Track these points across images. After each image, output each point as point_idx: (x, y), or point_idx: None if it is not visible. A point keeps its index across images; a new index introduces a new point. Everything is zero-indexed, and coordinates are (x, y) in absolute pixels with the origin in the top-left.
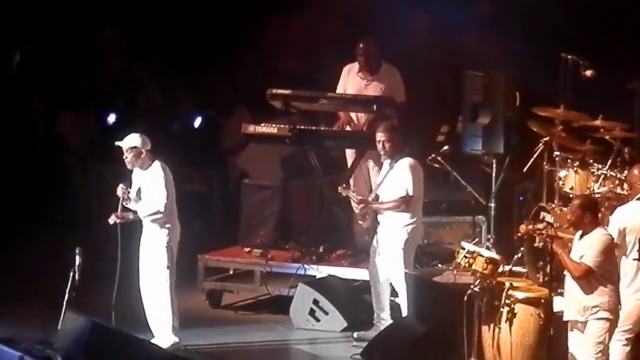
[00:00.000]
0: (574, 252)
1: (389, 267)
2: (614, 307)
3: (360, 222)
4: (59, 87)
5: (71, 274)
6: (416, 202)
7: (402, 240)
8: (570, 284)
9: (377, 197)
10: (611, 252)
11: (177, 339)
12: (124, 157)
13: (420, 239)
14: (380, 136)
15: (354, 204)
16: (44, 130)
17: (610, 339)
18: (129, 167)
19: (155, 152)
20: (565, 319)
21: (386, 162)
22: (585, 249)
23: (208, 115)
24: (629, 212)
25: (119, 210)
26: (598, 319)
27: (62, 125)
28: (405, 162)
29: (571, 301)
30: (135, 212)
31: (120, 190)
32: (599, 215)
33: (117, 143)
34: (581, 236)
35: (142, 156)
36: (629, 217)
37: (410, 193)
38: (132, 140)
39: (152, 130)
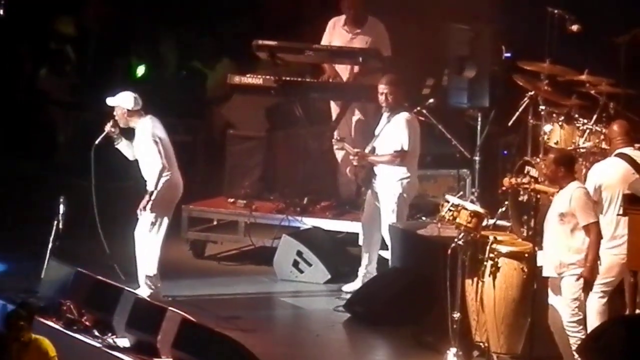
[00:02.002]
0: (551, 209)
1: (380, 220)
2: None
3: (351, 175)
4: (43, 34)
5: (55, 222)
6: (411, 157)
7: (396, 194)
8: (548, 241)
9: (373, 150)
10: (589, 206)
11: (151, 290)
12: (114, 113)
13: (415, 194)
14: (382, 88)
15: (350, 157)
16: (28, 78)
17: (586, 295)
18: (120, 125)
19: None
20: (543, 275)
21: (385, 115)
22: (561, 204)
23: (193, 65)
24: (605, 168)
25: (98, 139)
26: (572, 274)
27: (43, 79)
28: (402, 117)
29: (548, 257)
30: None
31: (108, 127)
32: (574, 169)
33: (107, 101)
34: (557, 191)
35: (133, 116)
36: (605, 173)
37: (405, 148)
38: (122, 100)
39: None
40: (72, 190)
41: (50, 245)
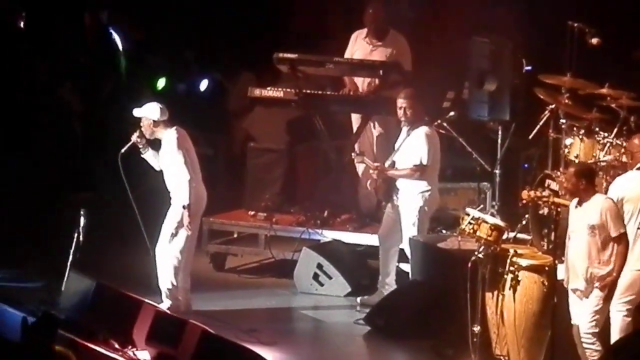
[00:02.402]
0: (573, 220)
1: (400, 233)
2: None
3: (371, 188)
4: (61, 51)
5: (75, 235)
6: (432, 171)
7: (417, 207)
8: (574, 253)
9: (393, 164)
10: (620, 216)
11: (171, 302)
12: (140, 124)
13: (435, 207)
14: (401, 102)
15: (370, 170)
16: (47, 92)
17: (607, 305)
18: (146, 136)
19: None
20: (570, 287)
21: (404, 129)
22: (591, 216)
23: (214, 77)
24: (628, 181)
25: (124, 148)
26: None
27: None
28: (422, 131)
29: (576, 269)
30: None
31: (134, 137)
32: (595, 182)
33: (134, 112)
34: (579, 204)
35: (158, 127)
36: (627, 186)
37: (425, 162)
38: (149, 111)
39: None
40: (94, 203)
41: (70, 258)
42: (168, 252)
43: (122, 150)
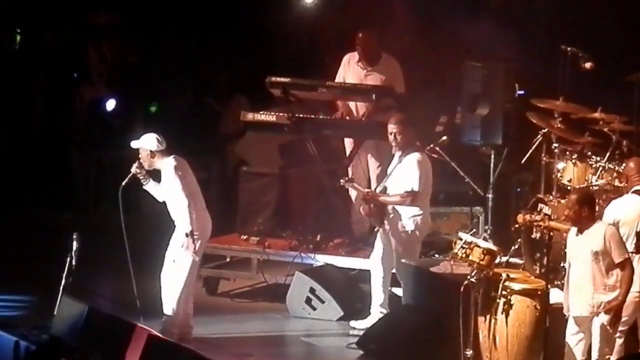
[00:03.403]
0: (573, 248)
1: (393, 257)
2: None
3: (364, 214)
4: (56, 72)
5: (68, 259)
6: (423, 196)
7: (409, 231)
8: (578, 279)
9: (385, 189)
10: (622, 242)
11: (166, 328)
12: (139, 156)
13: (427, 232)
14: (392, 128)
15: (358, 196)
16: (41, 115)
17: (615, 333)
18: (145, 167)
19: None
20: (572, 314)
21: (396, 155)
22: (594, 243)
23: (207, 102)
24: (623, 205)
25: (125, 180)
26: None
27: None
28: (414, 158)
29: (581, 296)
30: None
31: (134, 168)
32: (596, 208)
33: (132, 144)
34: (579, 231)
35: (156, 157)
36: (623, 210)
37: (416, 189)
38: (146, 142)
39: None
40: (86, 227)
41: (63, 282)
42: (171, 279)
43: (123, 183)
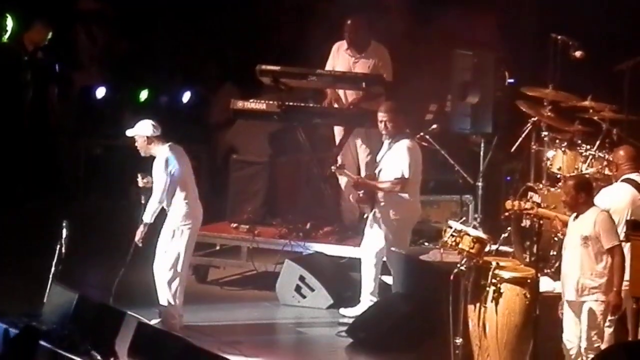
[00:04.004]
0: (569, 233)
1: (383, 245)
2: (611, 289)
3: (354, 201)
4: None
5: (58, 247)
6: (412, 184)
7: (397, 219)
8: (567, 263)
9: (374, 176)
10: (614, 229)
11: (160, 319)
12: (135, 144)
13: (417, 219)
14: (382, 116)
15: (348, 183)
16: (31, 103)
17: (605, 322)
18: (141, 154)
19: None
20: (565, 299)
21: (386, 142)
22: (585, 228)
23: (197, 90)
24: (613, 193)
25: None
26: (596, 300)
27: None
28: (403, 144)
29: (568, 280)
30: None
31: (140, 182)
32: (593, 194)
33: (127, 132)
34: (576, 217)
35: (152, 143)
36: (613, 198)
37: (406, 176)
38: (141, 129)
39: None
40: (75, 215)
41: (52, 270)
42: (162, 270)
43: (142, 200)
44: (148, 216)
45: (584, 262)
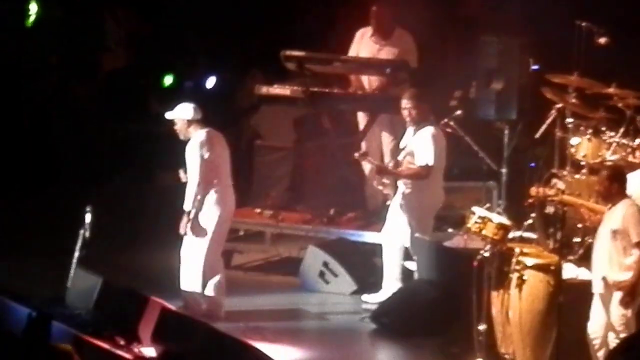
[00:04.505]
0: (604, 224)
1: (405, 232)
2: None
3: (379, 187)
4: (71, 45)
5: (82, 231)
6: (436, 171)
7: (420, 206)
8: (596, 256)
9: (398, 163)
10: None
11: (184, 304)
12: (174, 127)
13: (440, 205)
14: (405, 103)
15: (372, 170)
16: (57, 87)
17: (633, 314)
18: (180, 137)
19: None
20: (594, 291)
21: (410, 129)
22: (615, 221)
23: (221, 75)
24: (636, 179)
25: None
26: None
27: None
28: (428, 132)
29: (597, 273)
30: None
31: (182, 176)
32: (626, 186)
33: (167, 115)
34: (609, 208)
35: (192, 127)
36: (636, 185)
37: (430, 163)
38: (182, 112)
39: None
40: (100, 200)
41: (76, 254)
42: (190, 255)
43: (187, 208)
44: (189, 204)
45: (612, 256)
